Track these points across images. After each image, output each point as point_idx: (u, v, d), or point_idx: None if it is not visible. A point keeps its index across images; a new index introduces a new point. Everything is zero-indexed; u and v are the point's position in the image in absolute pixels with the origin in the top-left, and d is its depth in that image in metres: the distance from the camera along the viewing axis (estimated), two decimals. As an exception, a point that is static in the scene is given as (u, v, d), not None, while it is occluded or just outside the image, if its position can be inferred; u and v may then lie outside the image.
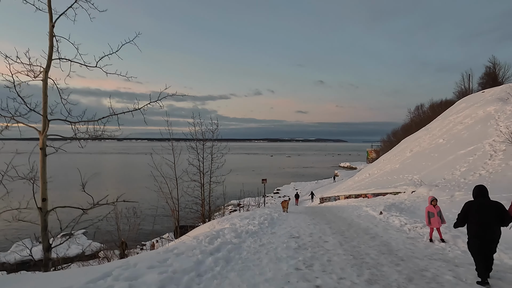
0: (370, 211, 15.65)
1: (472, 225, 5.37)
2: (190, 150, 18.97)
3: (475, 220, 5.30)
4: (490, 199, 5.45)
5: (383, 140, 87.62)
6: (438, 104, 70.17)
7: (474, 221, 5.31)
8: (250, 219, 11.87)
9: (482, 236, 5.20)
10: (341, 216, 15.29)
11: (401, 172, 26.24)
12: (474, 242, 5.34)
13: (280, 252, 7.40)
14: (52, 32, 5.88)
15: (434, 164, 23.93)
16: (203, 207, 18.49)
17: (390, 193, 21.79)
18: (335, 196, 29.29)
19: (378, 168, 35.00)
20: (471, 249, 5.48)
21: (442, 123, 37.15)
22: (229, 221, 11.70)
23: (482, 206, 5.32)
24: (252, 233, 9.32)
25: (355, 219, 13.95)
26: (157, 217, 22.02)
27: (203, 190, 18.52)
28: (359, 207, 18.45)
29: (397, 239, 9.17)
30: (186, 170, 18.46)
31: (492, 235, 5.18)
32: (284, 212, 17.62)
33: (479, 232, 5.23)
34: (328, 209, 20.14)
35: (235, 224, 10.78)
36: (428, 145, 30.21)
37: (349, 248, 8.01)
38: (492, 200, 5.39)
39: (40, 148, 5.75)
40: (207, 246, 6.88)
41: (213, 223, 12.13)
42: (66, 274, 4.50)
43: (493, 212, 5.19)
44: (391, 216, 13.32)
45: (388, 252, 7.63)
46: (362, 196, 24.65)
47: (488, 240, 5.18)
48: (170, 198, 18.59)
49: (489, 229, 5.17)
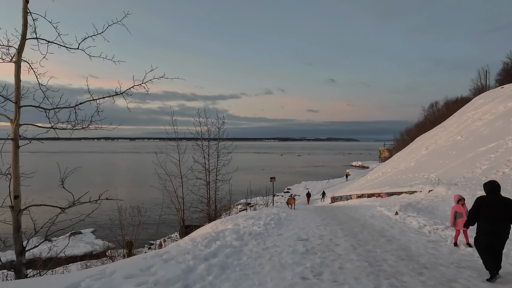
0: (385, 211, 14.67)
1: (482, 221, 5.25)
2: (195, 147, 18.32)
3: (485, 216, 5.20)
4: (501, 195, 5.31)
5: (396, 138, 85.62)
6: (453, 102, 68.18)
7: (485, 217, 5.21)
8: (255, 219, 11.07)
9: (491, 232, 5.08)
10: (353, 216, 14.37)
11: (417, 170, 25.03)
12: (482, 238, 5.19)
13: (285, 257, 6.58)
14: (26, 8, 5.20)
15: (452, 162, 22.68)
16: (208, 206, 17.80)
17: (405, 192, 20.68)
18: (347, 196, 28.25)
19: (392, 167, 33.75)
20: (478, 245, 5.31)
21: (459, 119, 35.62)
22: (233, 221, 10.93)
23: (493, 202, 5.21)
24: (256, 235, 8.52)
25: (368, 219, 13.03)
26: (163, 216, 21.45)
27: (208, 189, 17.82)
28: (372, 206, 17.48)
29: (417, 243, 8.24)
30: (191, 168, 17.81)
31: (501, 232, 5.07)
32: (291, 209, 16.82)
33: (489, 229, 5.11)
34: (340, 208, 19.20)
35: (239, 224, 10.01)
36: (445, 143, 28.85)
37: (364, 253, 7.14)
38: (504, 197, 5.24)
39: (12, 139, 5.07)
40: (202, 250, 6.12)
41: (216, 223, 11.39)
42: (24, 285, 3.80)
43: (504, 209, 5.07)
44: (408, 217, 12.33)
45: (408, 258, 6.74)
46: (375, 196, 23.57)
47: (497, 237, 5.06)
48: (175, 197, 17.98)
49: (499, 226, 5.06)
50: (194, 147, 18.19)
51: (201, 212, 17.63)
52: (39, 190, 44.34)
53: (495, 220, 5.07)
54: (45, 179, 49.54)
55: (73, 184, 7.17)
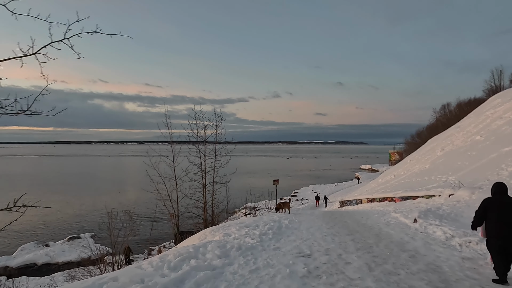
0: (401, 218, 12.89)
1: (492, 224, 5.08)
2: (190, 147, 16.80)
3: (495, 218, 5.02)
4: (509, 196, 5.16)
5: (407, 141, 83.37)
6: (466, 103, 65.99)
7: (494, 219, 5.03)
8: (251, 228, 9.46)
9: (503, 235, 4.91)
10: (365, 223, 12.63)
11: (433, 173, 23.09)
12: (494, 241, 5.03)
13: (278, 284, 4.95)
14: None
15: (473, 163, 20.72)
16: (205, 211, 16.24)
17: (422, 196, 18.81)
18: (357, 200, 26.40)
19: (405, 169, 31.76)
20: (491, 248, 5.17)
21: (477, 119, 33.47)
22: (224, 230, 9.34)
23: (502, 203, 5.06)
24: (247, 250, 6.88)
25: (383, 227, 11.30)
26: (157, 221, 19.95)
27: (205, 192, 16.26)
28: (386, 212, 15.70)
29: (448, 261, 6.53)
30: (186, 170, 16.30)
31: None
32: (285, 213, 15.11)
33: (500, 231, 4.93)
34: (350, 214, 17.45)
35: (230, 234, 8.41)
36: (463, 143, 26.83)
37: (383, 277, 5.47)
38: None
39: None
40: (166, 275, 4.55)
41: (205, 233, 9.82)
42: None
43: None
44: (430, 225, 10.54)
45: (444, 285, 5.06)
46: (387, 200, 21.72)
47: (509, 239, 4.86)
48: (168, 201, 16.49)
49: (509, 228, 4.86)
50: (189, 147, 16.68)
51: (196, 218, 16.09)
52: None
53: (506, 222, 4.89)
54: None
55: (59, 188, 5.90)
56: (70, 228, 32.64)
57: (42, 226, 33.14)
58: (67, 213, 36.96)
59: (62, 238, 29.16)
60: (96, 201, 40.34)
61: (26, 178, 66.49)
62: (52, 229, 32.53)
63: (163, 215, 17.13)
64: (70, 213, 36.92)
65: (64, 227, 33.12)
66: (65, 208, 38.90)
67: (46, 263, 24.97)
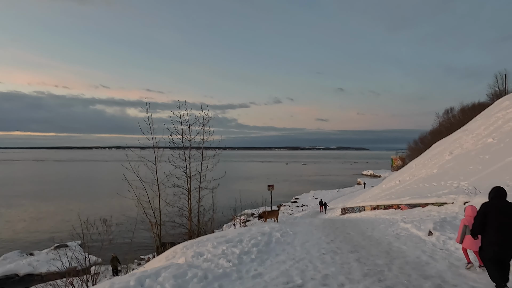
0: (413, 229, 11.07)
1: (490, 230, 4.65)
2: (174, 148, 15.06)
3: (494, 224, 4.60)
4: (508, 201, 4.81)
5: (410, 146, 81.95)
6: (470, 108, 64.79)
7: (493, 225, 4.61)
8: (231, 244, 7.67)
9: (501, 242, 4.53)
10: (371, 236, 10.82)
11: (442, 178, 21.24)
12: (490, 249, 4.65)
13: None
14: None
15: (487, 167, 18.88)
16: (190, 220, 14.44)
17: (432, 204, 16.95)
18: (360, 207, 24.54)
19: (411, 174, 29.89)
20: (485, 256, 4.81)
21: (486, 121, 31.67)
22: (197, 247, 7.57)
23: (501, 208, 4.68)
24: (214, 280, 5.08)
25: (393, 241, 9.49)
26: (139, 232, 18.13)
27: (190, 198, 14.46)
28: (393, 222, 13.87)
29: (490, 296, 4.75)
30: (168, 174, 14.52)
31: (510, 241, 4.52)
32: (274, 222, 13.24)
33: (498, 238, 4.54)
34: (353, 223, 15.65)
35: (202, 253, 6.65)
36: (473, 146, 24.99)
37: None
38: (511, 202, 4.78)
39: None
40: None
41: (175, 250, 8.05)
42: None
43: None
44: (450, 240, 8.74)
45: None
46: (393, 207, 19.86)
47: (507, 246, 4.54)
48: (149, 208, 14.73)
49: (508, 234, 4.51)
50: (172, 146, 14.93)
51: (179, 227, 14.30)
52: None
53: (505, 228, 4.52)
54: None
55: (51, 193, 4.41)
56: (57, 235, 30.75)
57: (27, 234, 31.30)
58: (55, 220, 35.09)
59: (48, 247, 27.34)
60: (87, 206, 38.50)
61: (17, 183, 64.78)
62: (38, 237, 30.65)
63: (144, 225, 15.35)
64: (58, 220, 35.03)
65: (51, 235, 31.20)
66: (53, 214, 37.13)
67: (29, 273, 23.25)
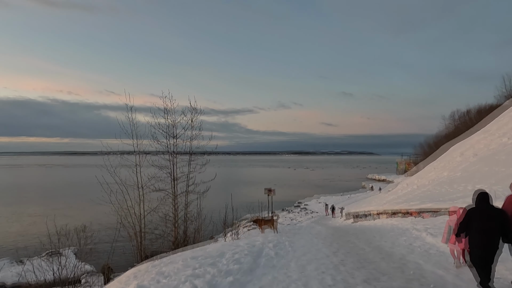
0: (440, 245, 8.85)
1: (474, 233, 4.71)
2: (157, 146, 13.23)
3: (477, 227, 4.65)
4: (493, 205, 4.78)
5: (418, 149, 79.92)
6: (478, 110, 62.70)
7: (477, 229, 4.66)
8: (207, 262, 5.73)
9: (483, 245, 4.62)
10: (389, 251, 8.66)
11: (468, 181, 18.91)
12: (476, 252, 4.70)
13: None
14: None
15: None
16: (175, 228, 12.56)
17: (459, 210, 14.67)
18: (372, 212, 22.22)
19: (428, 178, 27.46)
20: (473, 259, 4.79)
21: (501, 121, 29.08)
22: (165, 266, 5.65)
23: (484, 212, 4.69)
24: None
25: (425, 266, 6.97)
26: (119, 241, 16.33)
27: (175, 204, 12.59)
28: (416, 236, 11.16)
29: None
30: (152, 177, 12.70)
31: (494, 244, 4.61)
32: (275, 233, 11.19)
33: (481, 241, 4.62)
34: (363, 232, 13.54)
35: (165, 275, 4.74)
36: (502, 147, 22.56)
37: None
38: (495, 207, 4.77)
39: None
40: None
41: (140, 269, 6.16)
42: None
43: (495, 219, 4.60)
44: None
45: None
46: (413, 215, 17.56)
47: (490, 249, 4.61)
48: (131, 215, 12.93)
49: (491, 237, 4.59)
50: (157, 146, 13.07)
51: (162, 237, 12.43)
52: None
53: (487, 231, 4.60)
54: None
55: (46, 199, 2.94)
56: (50, 242, 29.37)
57: (19, 241, 29.95)
58: (49, 226, 33.67)
59: (39, 254, 25.90)
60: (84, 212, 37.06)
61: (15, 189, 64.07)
62: (30, 244, 29.25)
63: (125, 233, 13.54)
64: (51, 226, 33.60)
65: (43, 242, 29.81)
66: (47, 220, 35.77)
67: (16, 284, 21.80)
